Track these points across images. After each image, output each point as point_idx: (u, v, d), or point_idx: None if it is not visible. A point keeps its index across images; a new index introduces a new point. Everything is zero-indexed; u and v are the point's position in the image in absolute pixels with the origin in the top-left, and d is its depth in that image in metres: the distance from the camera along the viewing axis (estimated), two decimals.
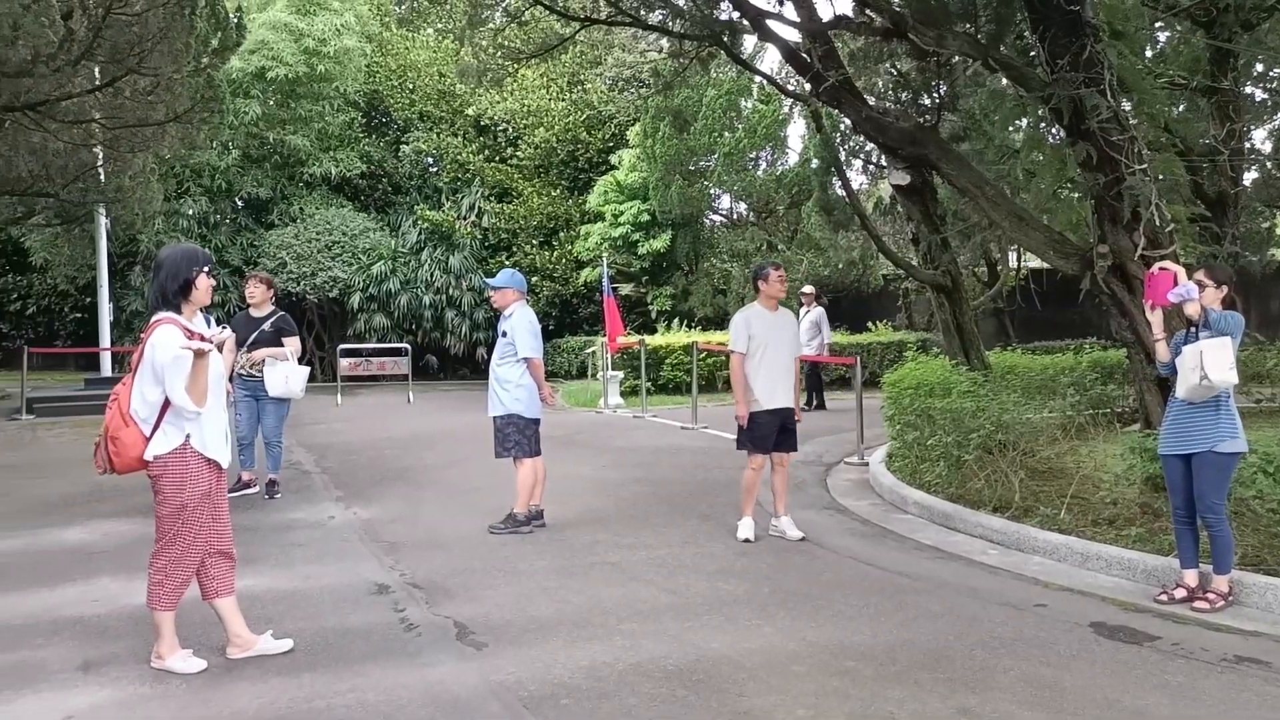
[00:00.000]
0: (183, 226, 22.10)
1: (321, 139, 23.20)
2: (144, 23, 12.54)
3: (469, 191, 23.80)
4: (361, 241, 22.93)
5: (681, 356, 17.62)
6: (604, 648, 4.78)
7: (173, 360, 4.31)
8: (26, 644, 4.88)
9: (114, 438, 4.39)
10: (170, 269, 4.51)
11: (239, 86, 20.98)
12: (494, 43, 13.95)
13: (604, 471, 9.96)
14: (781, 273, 7.18)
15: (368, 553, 6.73)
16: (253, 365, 8.41)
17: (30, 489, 9.26)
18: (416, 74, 24.89)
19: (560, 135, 23.93)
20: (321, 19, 21.69)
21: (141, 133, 15.47)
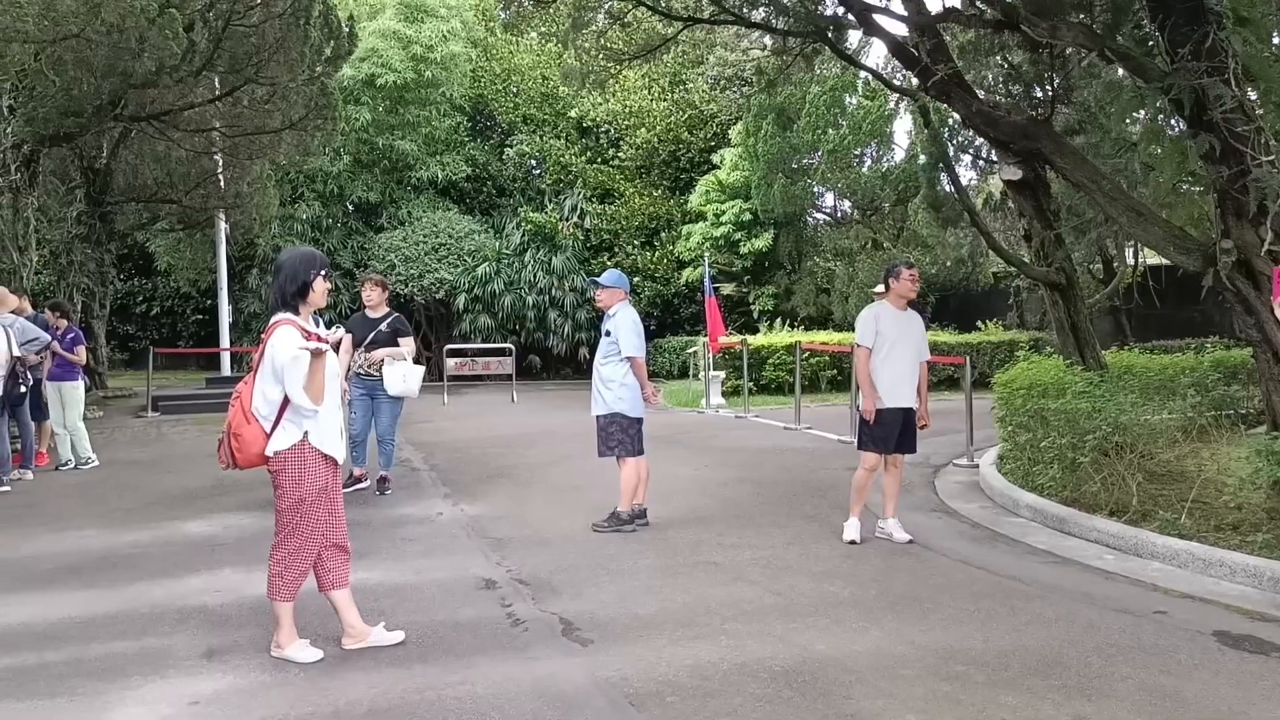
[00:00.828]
0: (297, 231, 22.81)
1: (428, 143, 23.68)
2: (261, 34, 13.00)
3: (571, 193, 24.02)
4: (467, 244, 23.33)
5: (784, 356, 17.49)
6: (709, 647, 4.76)
7: (291, 360, 4.44)
8: (154, 631, 5.09)
9: (236, 434, 4.54)
10: (289, 272, 4.64)
11: (350, 94, 21.55)
12: (597, 45, 14.04)
13: (706, 471, 9.94)
14: (914, 272, 7.05)
15: (475, 548, 6.84)
16: (370, 365, 8.53)
17: (157, 483, 9.66)
18: (520, 78, 25.23)
19: (662, 135, 23.98)
20: (429, 26, 22.15)
21: (259, 140, 16.03)
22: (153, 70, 11.74)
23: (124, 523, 7.78)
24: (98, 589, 5.90)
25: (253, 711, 4.05)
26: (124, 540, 7.17)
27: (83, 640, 4.95)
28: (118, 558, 6.66)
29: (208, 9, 12.59)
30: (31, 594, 5.81)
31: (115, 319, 22.52)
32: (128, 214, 19.71)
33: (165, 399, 16.86)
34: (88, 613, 5.41)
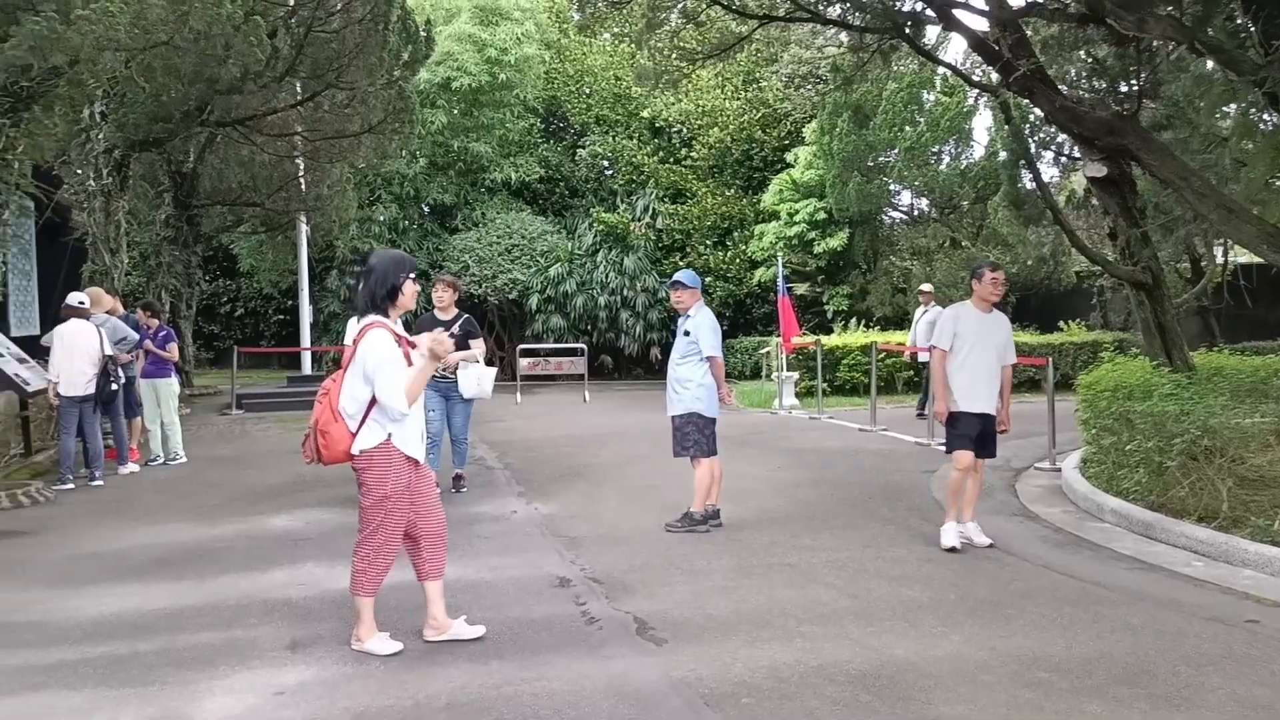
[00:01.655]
0: (375, 233, 23.18)
1: (502, 145, 23.90)
2: (342, 39, 13.25)
3: (643, 193, 24.05)
4: (539, 244, 23.50)
5: (859, 357, 17.30)
6: (784, 649, 4.73)
7: (381, 363, 4.53)
8: (241, 623, 5.22)
9: (323, 431, 4.63)
10: (380, 274, 4.71)
11: (426, 97, 21.84)
12: (670, 44, 14.03)
13: (780, 472, 9.88)
14: (997, 274, 6.88)
15: (549, 546, 6.89)
16: (446, 368, 8.51)
17: (241, 479, 9.91)
18: (593, 79, 25.34)
19: (735, 135, 23.89)
20: (503, 29, 22.35)
21: (339, 144, 16.34)
22: (238, 76, 12.04)
23: (211, 517, 7.99)
24: (187, 581, 6.07)
25: (335, 702, 4.14)
26: (211, 534, 7.37)
27: (173, 630, 5.10)
28: (205, 551, 6.85)
29: (290, 15, 12.88)
30: (125, 585, 6.00)
31: (201, 319, 23.11)
32: (213, 217, 20.24)
33: (248, 397, 17.26)
34: (177, 604, 5.57)
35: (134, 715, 4.03)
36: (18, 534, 7.51)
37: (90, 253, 13.60)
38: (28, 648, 4.86)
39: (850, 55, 13.25)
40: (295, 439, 13.03)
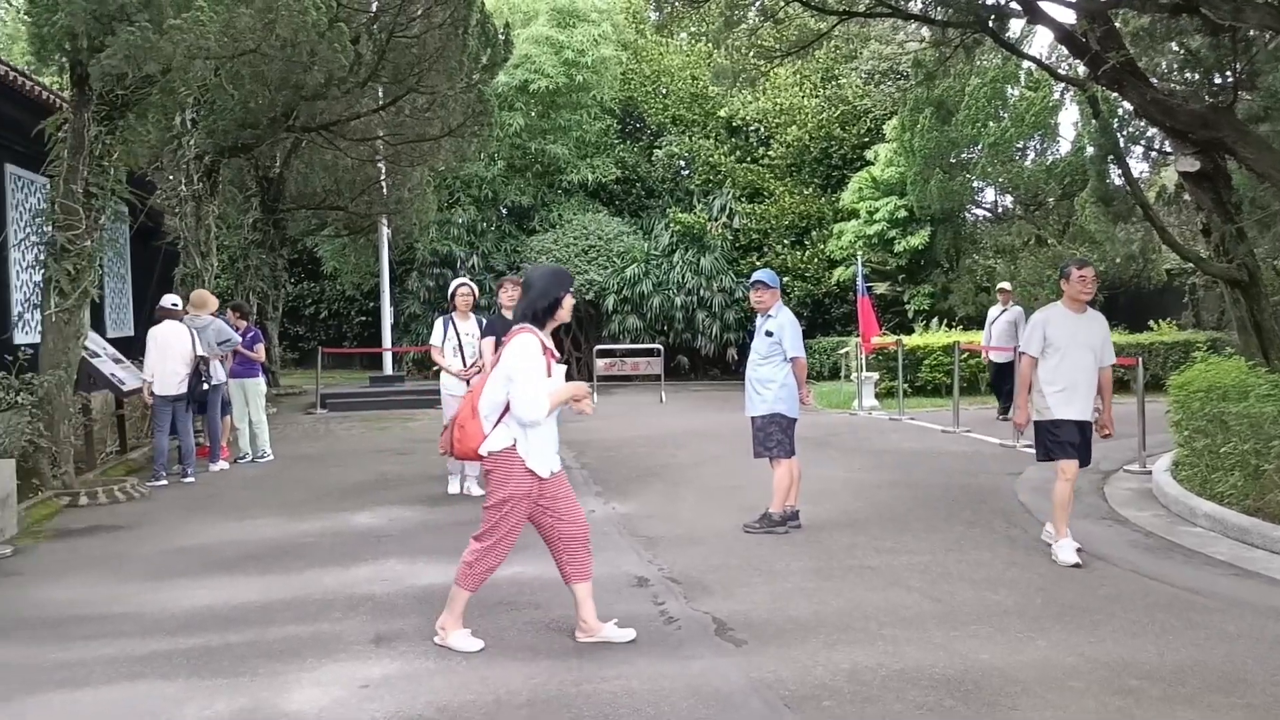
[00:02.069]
0: (453, 235, 23.48)
1: (579, 147, 24.02)
2: (422, 44, 13.44)
3: (720, 193, 23.97)
4: (616, 245, 23.57)
5: (941, 357, 17.03)
6: (866, 652, 4.67)
7: (522, 369, 4.59)
8: (326, 617, 5.32)
9: (461, 426, 4.73)
10: (541, 288, 4.80)
11: (504, 100, 22.05)
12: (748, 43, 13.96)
13: (860, 474, 9.76)
14: (1085, 272, 6.52)
15: (627, 546, 6.90)
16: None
17: (326, 477, 10.11)
18: (670, 79, 25.33)
19: (813, 133, 23.69)
20: (580, 30, 22.47)
21: (419, 147, 16.58)
22: (322, 82, 12.28)
23: (297, 513, 8.17)
24: (274, 575, 6.21)
25: (419, 696, 4.19)
26: (297, 530, 7.53)
27: (262, 623, 5.22)
28: (292, 546, 7.00)
29: (372, 22, 13.11)
30: (216, 578, 6.16)
31: (286, 320, 23.63)
32: (298, 220, 20.69)
33: (332, 397, 17.61)
34: (266, 597, 5.71)
35: (226, 705, 4.13)
36: (115, 528, 7.76)
37: (182, 256, 14.01)
38: (125, 637, 5.02)
39: (932, 50, 13.05)
40: (377, 438, 13.28)
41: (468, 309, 9.00)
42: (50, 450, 8.98)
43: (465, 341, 8.87)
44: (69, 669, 4.58)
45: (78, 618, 5.39)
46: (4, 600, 5.80)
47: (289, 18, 9.03)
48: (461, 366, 8.81)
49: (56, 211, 9.07)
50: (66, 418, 9.22)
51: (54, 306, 9.07)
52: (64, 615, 5.43)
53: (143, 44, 7.86)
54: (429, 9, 13.08)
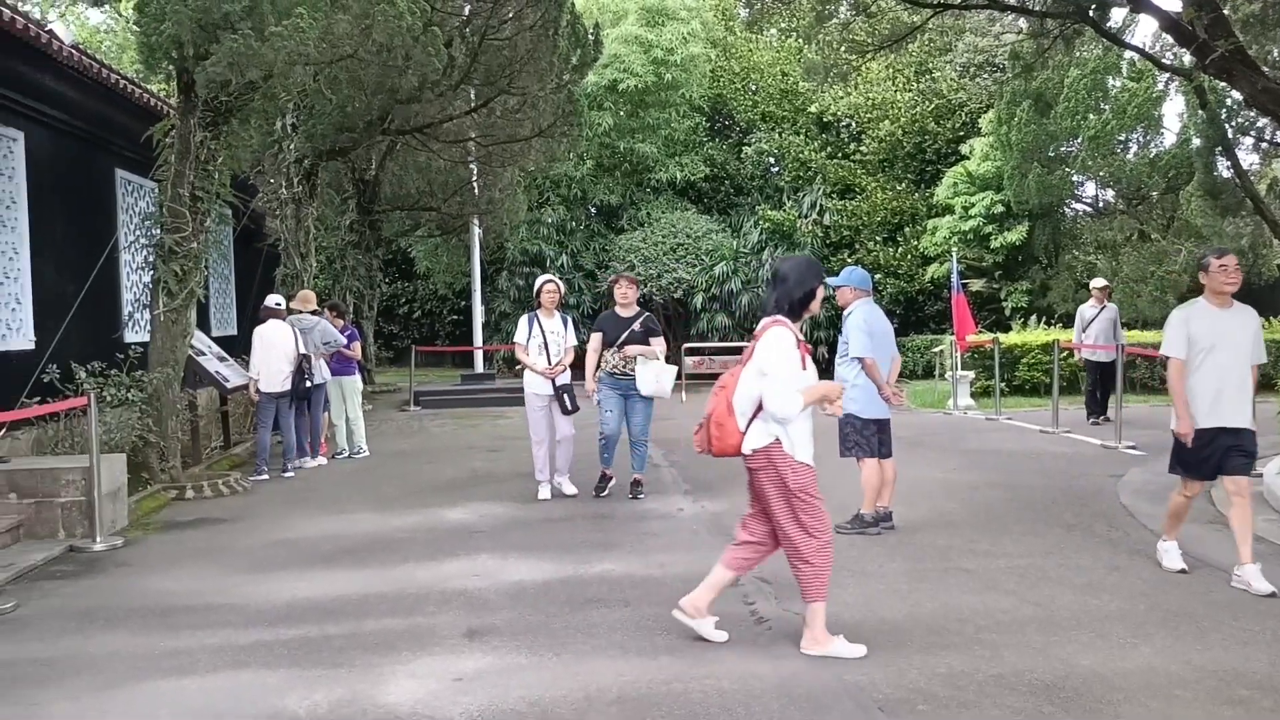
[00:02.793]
0: (543, 234, 23.71)
1: (668, 145, 24.03)
2: (514, 46, 13.59)
3: (810, 190, 23.75)
4: (704, 243, 23.51)
5: (1039, 356, 16.61)
6: (961, 656, 4.57)
7: (777, 361, 4.54)
8: (421, 611, 5.41)
9: (719, 423, 4.67)
10: (797, 279, 4.75)
11: (593, 100, 22.19)
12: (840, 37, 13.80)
13: (955, 474, 9.57)
14: (1225, 260, 5.85)
15: (716, 545, 6.83)
16: (627, 365, 8.33)
17: (419, 473, 10.29)
18: (759, 75, 25.18)
19: (906, 127, 23.32)
20: (669, 29, 22.47)
21: (510, 148, 16.77)
22: (416, 86, 12.50)
23: (391, 509, 8.33)
24: (370, 569, 6.34)
25: (511, 690, 4.23)
26: (392, 525, 7.68)
27: (359, 616, 5.33)
28: (387, 541, 7.13)
29: (465, 25, 13.32)
30: (315, 571, 6.31)
31: (381, 319, 24.11)
32: (393, 222, 21.11)
33: (425, 394, 17.92)
34: (362, 591, 5.83)
35: (325, 696, 4.22)
36: (219, 521, 8.01)
37: (282, 257, 14.40)
38: (229, 628, 5.17)
39: (1030, 42, 12.73)
40: (469, 435, 13.46)
41: (553, 306, 8.74)
42: (159, 445, 9.31)
43: (550, 339, 8.61)
44: (176, 657, 4.74)
45: (184, 607, 5.57)
46: (116, 590, 6.03)
47: (385, 23, 9.20)
48: (546, 365, 8.55)
49: (164, 215, 9.39)
50: (174, 414, 9.54)
51: (162, 306, 9.39)
52: (171, 605, 5.63)
53: (246, 51, 8.09)
54: (520, 11, 13.22)
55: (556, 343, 8.63)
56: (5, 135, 9.45)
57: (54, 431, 8.83)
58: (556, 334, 8.66)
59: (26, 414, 7.53)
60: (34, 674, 4.55)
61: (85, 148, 11.13)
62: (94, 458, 7.13)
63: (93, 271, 10.51)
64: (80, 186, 11.03)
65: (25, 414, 7.52)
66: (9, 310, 9.38)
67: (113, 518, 7.54)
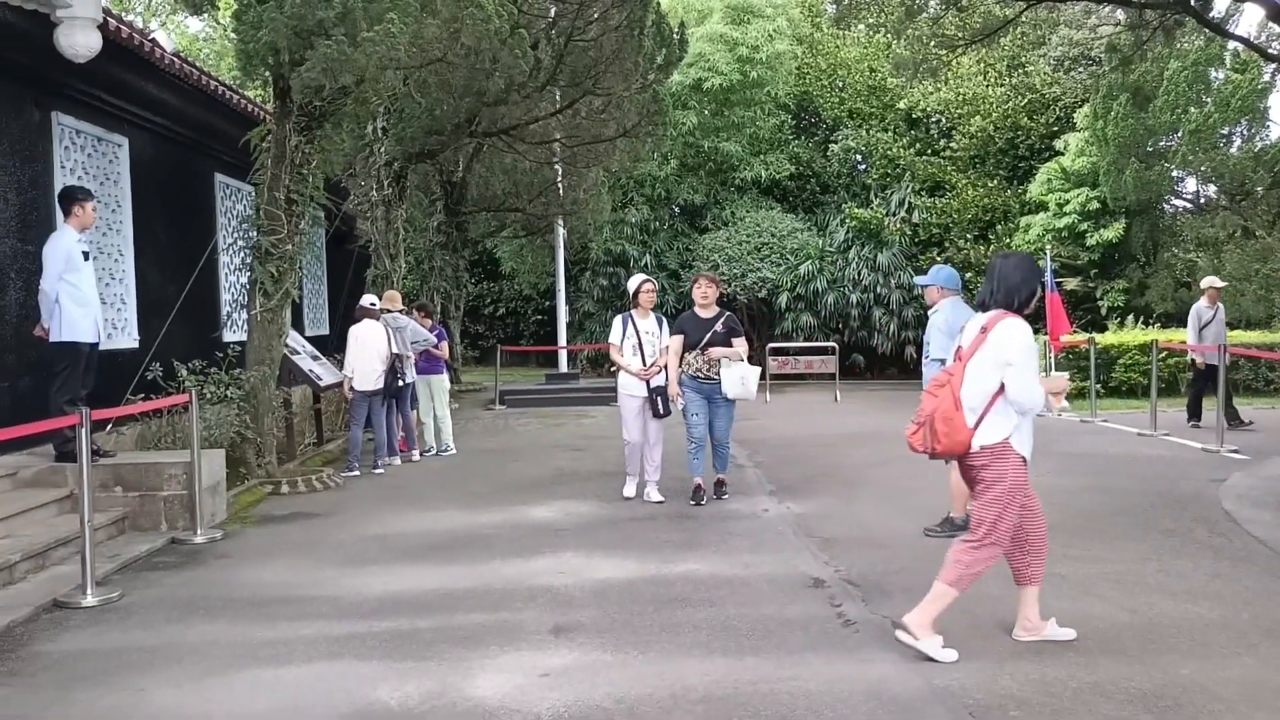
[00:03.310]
0: (627, 234, 23.78)
1: (752, 143, 23.91)
2: (599, 47, 13.66)
3: (898, 187, 23.42)
4: (789, 242, 23.34)
5: (1137, 356, 16.14)
6: (1055, 662, 4.47)
7: (1025, 351, 4.53)
8: (507, 606, 5.48)
9: (947, 419, 4.63)
10: (1023, 277, 4.72)
11: (678, 99, 22.18)
12: (930, 32, 13.56)
13: (1049, 478, 9.33)
14: None
15: (802, 546, 6.81)
16: (710, 367, 8.12)
17: (505, 471, 10.41)
18: (846, 71, 24.91)
19: (998, 123, 22.86)
20: (755, 26, 22.35)
21: (595, 148, 16.86)
22: (503, 88, 12.65)
23: (478, 506, 8.44)
24: (458, 565, 6.43)
25: (597, 687, 4.26)
26: (479, 521, 7.78)
27: (447, 610, 5.42)
28: (474, 537, 7.23)
29: (550, 27, 13.42)
30: (405, 566, 6.43)
31: (467, 319, 24.44)
32: (479, 222, 21.38)
33: (510, 393, 18.12)
34: (450, 586, 5.92)
35: (415, 688, 4.30)
36: (313, 515, 8.21)
37: (372, 258, 14.69)
38: (323, 619, 5.30)
39: (1128, 33, 12.39)
40: (553, 433, 13.57)
41: (650, 306, 8.55)
42: (255, 441, 9.57)
43: (645, 340, 8.40)
44: (273, 647, 4.87)
45: (281, 599, 5.72)
46: (215, 581, 6.22)
47: (473, 26, 9.33)
48: (641, 366, 8.36)
49: (261, 217, 9.65)
50: (270, 411, 9.80)
51: (259, 306, 9.65)
52: (268, 596, 5.78)
53: (339, 57, 8.27)
54: (606, 12, 13.28)
55: (651, 343, 8.44)
56: (111, 141, 9.81)
57: (156, 427, 9.14)
58: (651, 334, 8.47)
59: (133, 410, 7.81)
60: (138, 661, 4.72)
61: (186, 152, 11.50)
62: (195, 453, 7.36)
63: (193, 273, 10.85)
64: (181, 190, 11.41)
65: (132, 410, 7.80)
66: (115, 310, 9.74)
67: (212, 511, 7.78)
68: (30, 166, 8.50)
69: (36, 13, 7.65)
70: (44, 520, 6.94)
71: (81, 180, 9.01)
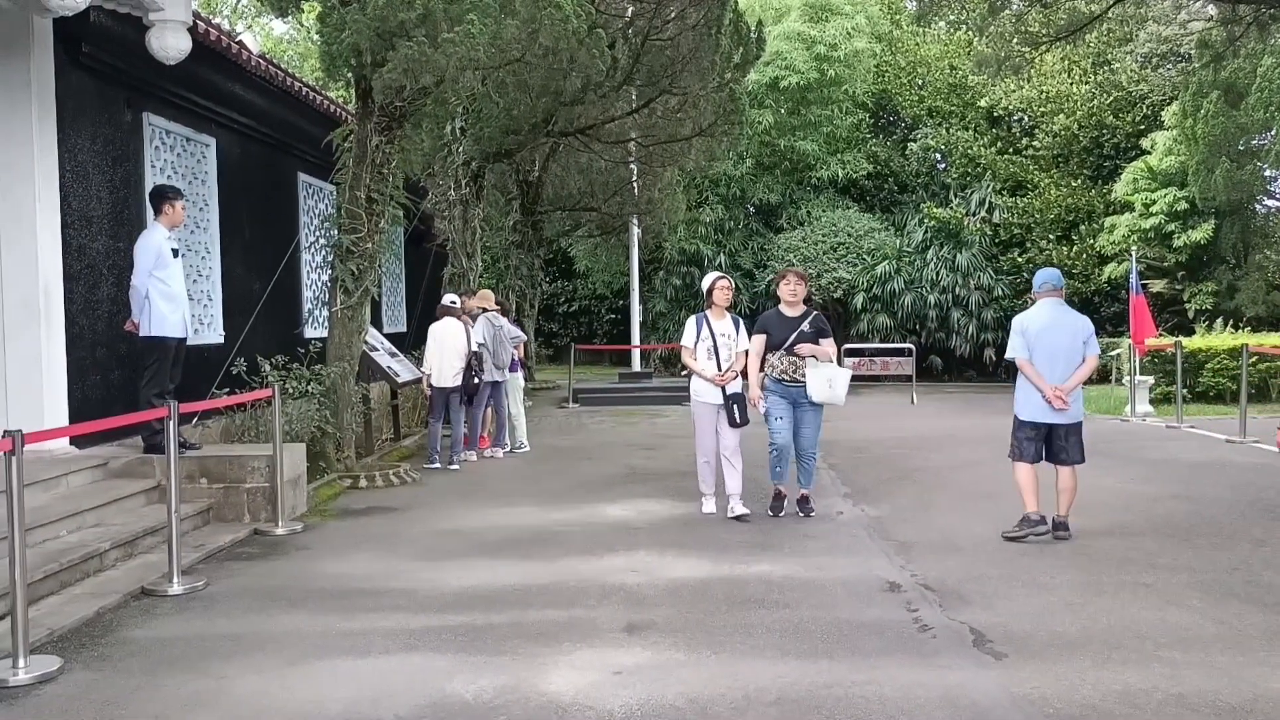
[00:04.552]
0: (701, 234, 23.75)
1: (829, 142, 23.71)
2: (676, 46, 13.67)
3: (979, 186, 23.03)
4: (866, 242, 23.10)
5: (1226, 361, 15.66)
6: (1139, 673, 4.35)
7: None
8: (581, 603, 5.50)
9: None
10: None
11: (754, 97, 22.08)
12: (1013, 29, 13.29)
13: (1133, 484, 9.11)
14: None
15: (877, 550, 6.74)
16: (797, 370, 7.54)
17: (578, 469, 10.46)
18: (926, 69, 24.59)
19: (1083, 121, 22.37)
20: (833, 24, 22.18)
21: (670, 148, 16.88)
22: (580, 87, 12.73)
23: (552, 503, 8.49)
24: (532, 561, 6.48)
25: (670, 686, 4.25)
26: (552, 518, 7.83)
27: (521, 606, 5.46)
28: (548, 534, 7.28)
29: (627, 26, 13.46)
30: (480, 561, 6.50)
31: (541, 318, 24.65)
32: (554, 222, 21.56)
33: (584, 392, 18.22)
34: (524, 581, 5.96)
35: (490, 681, 4.34)
36: (390, 510, 8.34)
37: (450, 257, 14.88)
38: (400, 612, 5.38)
39: (1220, 29, 12.00)
40: (626, 432, 13.61)
41: (726, 304, 7.87)
42: (335, 436, 9.76)
43: (721, 342, 7.72)
44: (352, 638, 4.95)
45: (359, 591, 5.82)
46: (296, 572, 6.35)
47: (551, 26, 9.39)
48: (716, 370, 7.68)
49: (342, 216, 9.84)
50: (349, 406, 9.99)
51: (339, 303, 9.84)
52: (347, 588, 5.89)
53: (420, 58, 8.39)
54: (683, 11, 13.29)
55: (727, 346, 7.74)
56: (199, 141, 10.07)
57: (240, 421, 9.36)
58: (727, 337, 7.78)
59: (219, 404, 8.02)
60: (222, 648, 4.84)
61: (270, 152, 11.76)
62: (277, 447, 7.52)
63: (277, 270, 11.10)
64: (266, 189, 11.67)
65: (218, 404, 8.02)
66: (201, 306, 10.00)
67: (293, 504, 7.94)
68: (122, 166, 8.77)
69: (129, 16, 7.90)
70: (133, 509, 7.15)
71: (170, 179, 9.26)
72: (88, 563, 6.01)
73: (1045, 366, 6.91)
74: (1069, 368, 6.90)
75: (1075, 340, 6.95)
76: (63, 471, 7.08)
